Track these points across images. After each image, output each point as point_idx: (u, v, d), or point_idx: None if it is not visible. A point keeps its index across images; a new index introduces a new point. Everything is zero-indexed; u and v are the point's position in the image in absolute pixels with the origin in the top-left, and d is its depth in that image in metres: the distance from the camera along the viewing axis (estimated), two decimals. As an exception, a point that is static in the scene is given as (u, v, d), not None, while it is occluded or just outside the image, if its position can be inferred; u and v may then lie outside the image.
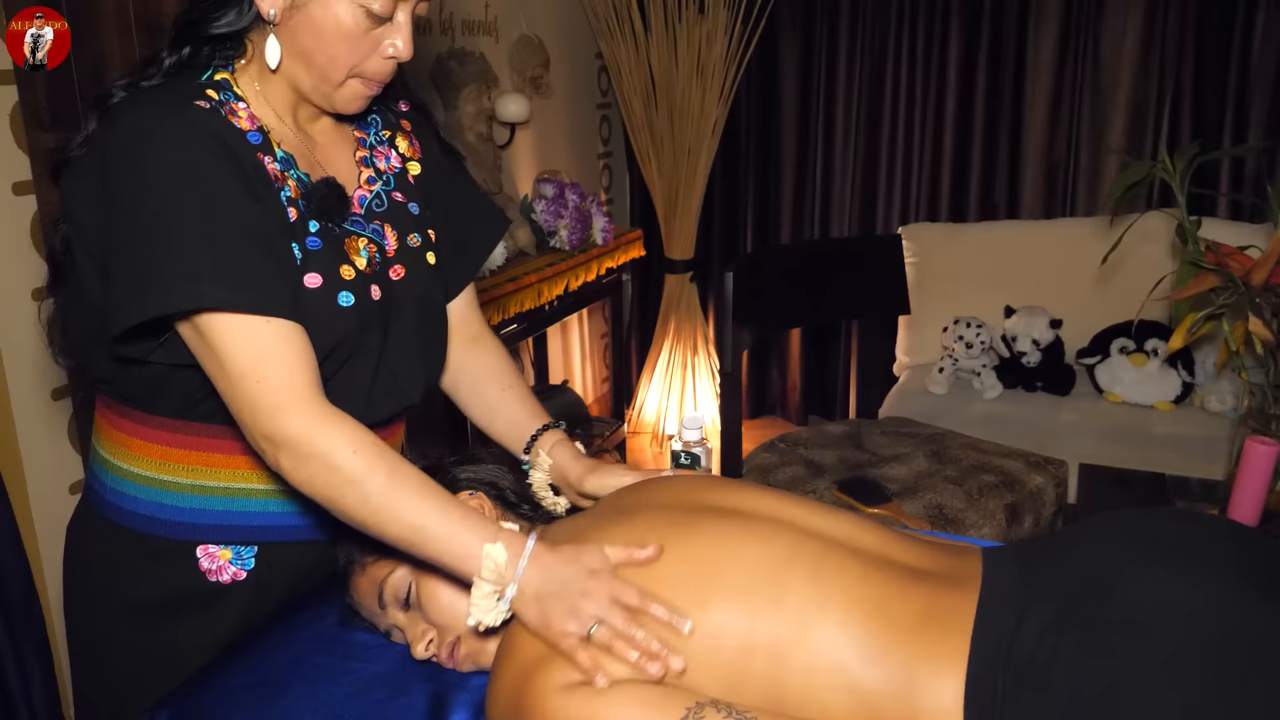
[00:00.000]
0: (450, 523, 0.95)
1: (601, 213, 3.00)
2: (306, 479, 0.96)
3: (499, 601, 0.94)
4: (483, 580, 0.93)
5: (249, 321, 0.96)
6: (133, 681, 1.15)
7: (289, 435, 0.95)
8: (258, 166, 1.02)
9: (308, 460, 0.95)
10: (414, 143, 1.24)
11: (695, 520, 1.00)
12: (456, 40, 2.74)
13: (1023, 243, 3.10)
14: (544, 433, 1.25)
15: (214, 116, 1.00)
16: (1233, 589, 0.85)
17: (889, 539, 1.02)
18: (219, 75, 1.05)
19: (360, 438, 0.96)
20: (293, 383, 0.96)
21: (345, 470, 0.94)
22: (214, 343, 0.96)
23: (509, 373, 1.31)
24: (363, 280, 1.08)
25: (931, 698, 0.86)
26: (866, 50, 3.47)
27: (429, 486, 0.97)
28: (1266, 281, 1.72)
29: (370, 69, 1.04)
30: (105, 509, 1.14)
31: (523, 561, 0.94)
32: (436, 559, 0.96)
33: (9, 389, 1.73)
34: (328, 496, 0.96)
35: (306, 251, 1.04)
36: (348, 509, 0.96)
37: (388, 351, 1.13)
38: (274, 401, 0.95)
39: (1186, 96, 3.10)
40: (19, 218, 1.71)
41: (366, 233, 1.12)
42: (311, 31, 1.00)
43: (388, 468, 0.95)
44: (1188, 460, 2.38)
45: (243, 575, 1.14)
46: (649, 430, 3.61)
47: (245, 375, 0.96)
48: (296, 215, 1.04)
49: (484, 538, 0.94)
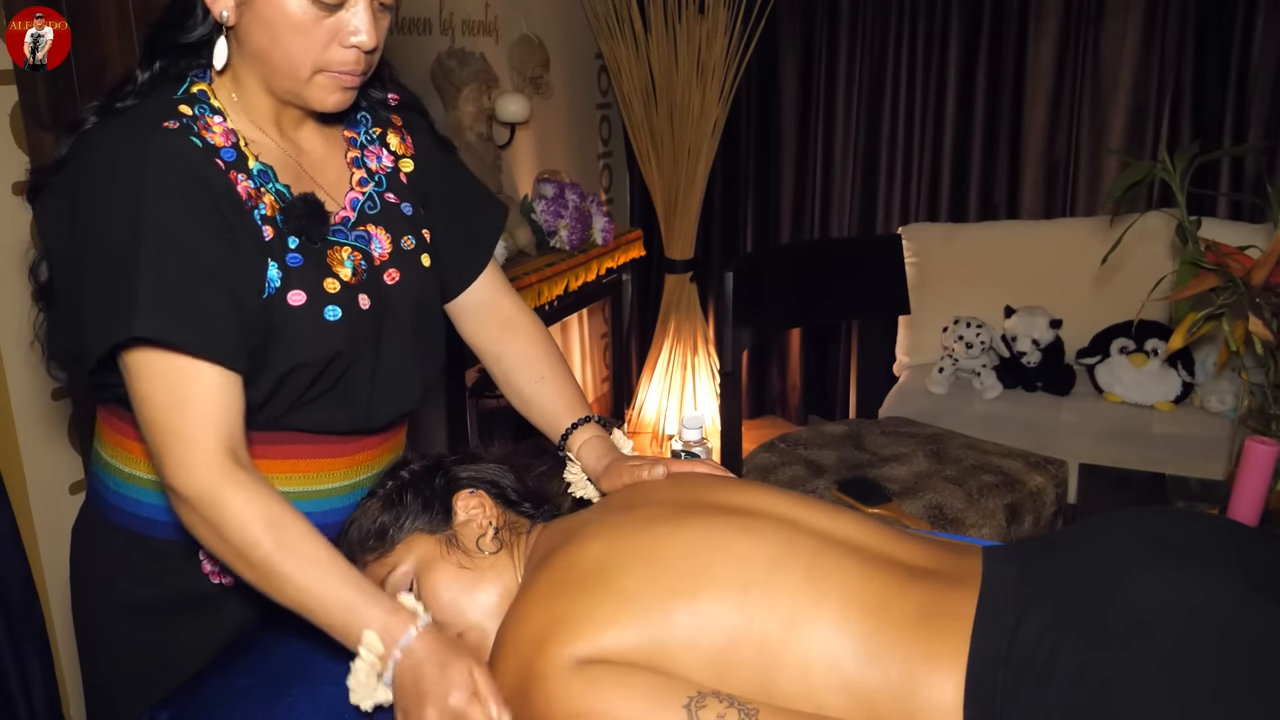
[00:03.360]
0: (334, 604, 0.93)
1: (601, 213, 3.00)
2: (201, 538, 0.96)
3: (379, 686, 0.93)
4: (358, 665, 0.93)
5: (177, 362, 0.94)
6: (137, 681, 1.15)
7: (187, 492, 0.94)
8: (228, 189, 1.00)
9: (202, 522, 0.95)
10: (405, 138, 1.22)
11: (692, 515, 1.01)
12: (456, 40, 2.74)
13: (1023, 243, 3.10)
14: (573, 431, 1.25)
15: (183, 138, 0.99)
16: (1233, 589, 0.85)
17: (889, 537, 1.02)
18: (196, 87, 1.03)
19: (254, 507, 0.94)
20: (203, 438, 0.94)
21: (232, 540, 0.94)
22: (137, 379, 0.95)
23: (543, 359, 1.29)
24: (348, 292, 1.07)
25: (930, 696, 0.86)
26: (866, 50, 3.47)
27: (321, 562, 0.94)
28: (1266, 281, 1.72)
29: (334, 60, 1.00)
30: (108, 511, 1.15)
31: (397, 653, 0.92)
32: (326, 632, 0.95)
33: (9, 389, 1.73)
34: (221, 557, 0.96)
35: (287, 269, 1.03)
36: (240, 574, 0.96)
37: (383, 359, 1.12)
38: (179, 455, 0.94)
39: (1186, 96, 3.10)
40: (19, 218, 1.71)
41: (350, 241, 1.10)
42: (262, 28, 0.98)
43: (275, 540, 0.93)
44: (1188, 460, 2.38)
45: (244, 576, 1.15)
46: (649, 430, 3.61)
47: (156, 423, 0.95)
48: (273, 233, 1.03)
49: (367, 623, 0.93)
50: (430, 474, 1.15)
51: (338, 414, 1.10)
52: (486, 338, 1.31)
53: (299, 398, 1.07)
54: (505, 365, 1.30)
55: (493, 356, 1.31)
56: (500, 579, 1.07)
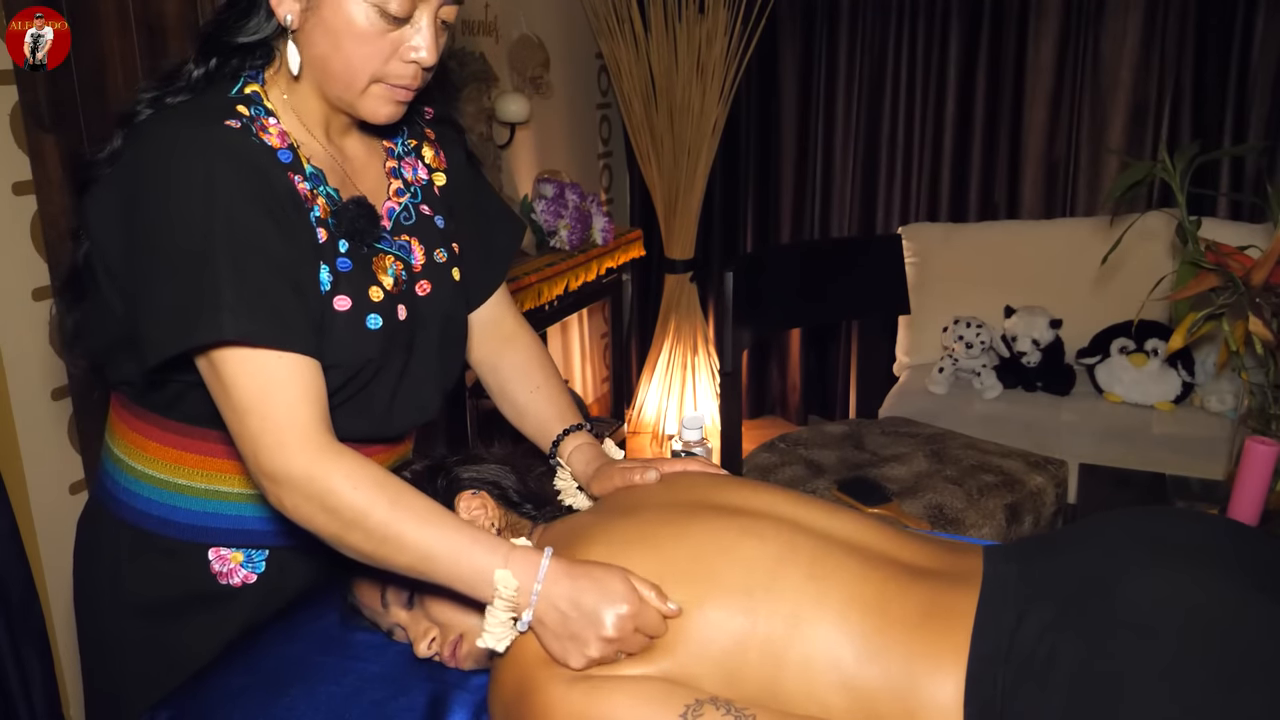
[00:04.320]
0: (457, 549, 0.93)
1: (601, 213, 3.00)
2: (308, 518, 0.95)
3: (515, 625, 0.93)
4: (495, 608, 0.92)
5: (261, 356, 0.94)
6: (139, 680, 1.15)
7: (289, 475, 0.93)
8: (289, 189, 1.00)
9: (308, 500, 0.94)
10: (439, 152, 1.22)
11: (693, 518, 1.01)
12: (456, 40, 2.74)
13: (1023, 243, 3.10)
14: (564, 438, 1.25)
15: (245, 137, 0.98)
16: (1233, 589, 0.85)
17: (890, 537, 1.02)
18: (249, 88, 1.03)
19: (359, 473, 0.94)
20: (295, 420, 0.94)
21: (345, 510, 0.93)
22: (224, 375, 0.95)
23: (539, 371, 1.30)
24: (390, 301, 1.07)
25: (931, 695, 0.86)
26: (866, 50, 3.47)
27: (434, 513, 0.95)
28: (1266, 281, 1.72)
29: (392, 73, 1.01)
30: (116, 507, 1.14)
31: (537, 585, 0.92)
32: (449, 585, 0.94)
33: (9, 389, 1.73)
34: (332, 534, 0.95)
35: (337, 274, 1.03)
36: (354, 546, 0.94)
37: (410, 370, 1.12)
38: (275, 440, 0.93)
39: (1186, 96, 3.10)
40: (19, 218, 1.71)
41: (394, 250, 1.10)
42: (326, 35, 0.98)
43: (389, 500, 0.93)
44: (1188, 460, 2.38)
45: (253, 579, 1.15)
46: (649, 430, 3.61)
47: (249, 411, 0.94)
48: (326, 236, 1.03)
49: (494, 562, 0.92)
50: (432, 475, 1.15)
51: (357, 422, 1.10)
52: (487, 351, 1.31)
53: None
54: (502, 376, 1.31)
55: (489, 368, 1.31)
56: (501, 579, 1.06)
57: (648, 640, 0.91)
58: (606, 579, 0.91)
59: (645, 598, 0.91)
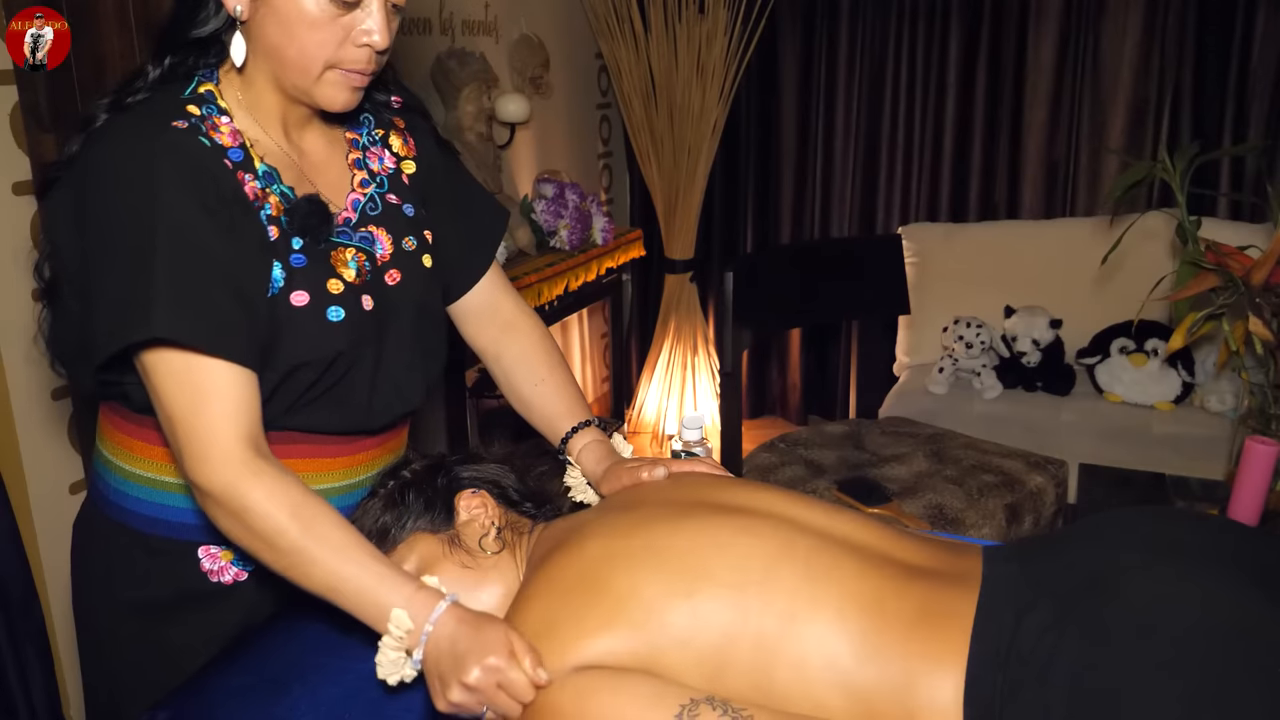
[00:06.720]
0: (362, 582, 0.94)
1: (601, 213, 3.00)
2: (227, 530, 0.97)
3: (407, 662, 0.94)
4: (384, 645, 0.93)
5: (192, 362, 0.95)
6: (137, 679, 1.15)
7: (210, 488, 0.95)
8: (236, 189, 1.00)
9: (227, 515, 0.96)
10: (408, 140, 1.22)
11: (691, 514, 1.01)
12: (456, 40, 2.74)
13: (1023, 243, 3.10)
14: (573, 435, 1.25)
15: (192, 137, 0.99)
16: (1233, 588, 0.85)
17: (888, 536, 1.02)
18: (203, 87, 1.04)
19: (279, 494, 0.95)
20: (220, 435, 0.95)
21: (259, 530, 0.95)
22: (154, 381, 0.96)
23: (543, 362, 1.30)
24: (352, 292, 1.07)
25: (929, 695, 0.86)
26: (866, 50, 3.47)
27: (347, 543, 0.96)
28: (1266, 281, 1.73)
29: (346, 58, 1.01)
30: (108, 508, 1.15)
31: (429, 627, 0.93)
32: (354, 615, 0.96)
33: (9, 389, 1.73)
34: (248, 549, 0.97)
35: (291, 269, 1.03)
36: (268, 563, 0.97)
37: (384, 360, 1.12)
38: (199, 452, 0.95)
39: (1186, 96, 3.10)
40: (19, 218, 1.71)
41: (354, 242, 1.11)
42: (277, 23, 0.99)
43: (302, 526, 0.94)
44: (1188, 460, 2.38)
45: (244, 576, 1.15)
46: (649, 430, 3.61)
47: (177, 420, 0.96)
48: (278, 233, 1.03)
49: (394, 601, 0.93)
50: (432, 474, 1.15)
51: (337, 414, 1.11)
52: (488, 339, 1.31)
53: (299, 398, 1.07)
54: (505, 366, 1.30)
55: (493, 357, 1.31)
56: (502, 579, 1.07)
57: (514, 703, 0.89)
58: (487, 630, 0.92)
59: (517, 656, 0.89)
